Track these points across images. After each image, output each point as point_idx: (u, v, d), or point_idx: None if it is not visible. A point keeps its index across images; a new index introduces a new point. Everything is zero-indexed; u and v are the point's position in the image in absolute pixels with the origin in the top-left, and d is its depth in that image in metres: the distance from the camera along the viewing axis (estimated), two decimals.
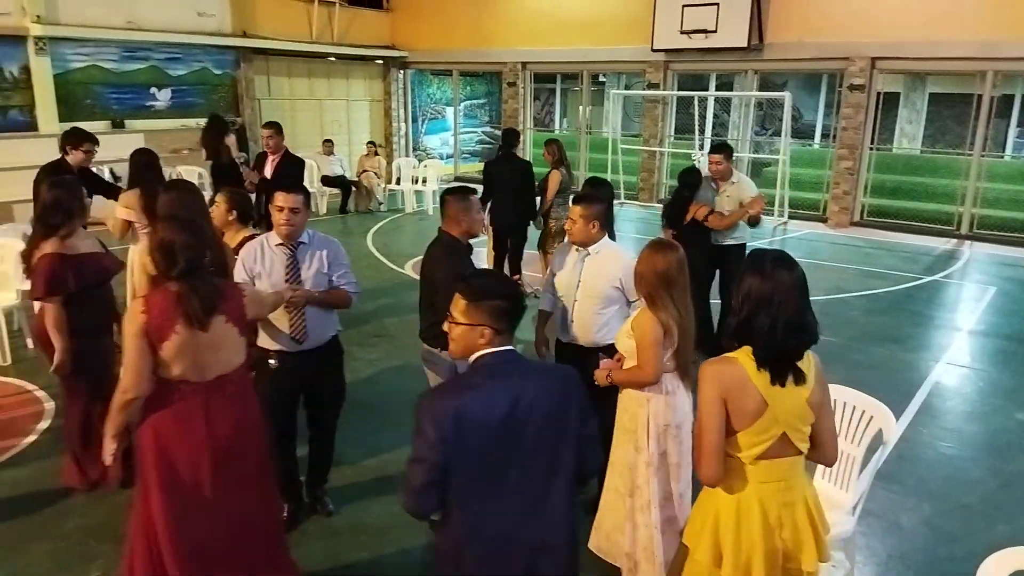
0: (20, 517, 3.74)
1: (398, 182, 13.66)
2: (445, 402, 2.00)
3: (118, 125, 12.05)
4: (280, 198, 3.35)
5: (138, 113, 12.45)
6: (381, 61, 16.48)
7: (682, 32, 12.41)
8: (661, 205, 13.74)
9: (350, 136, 16.02)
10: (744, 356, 2.16)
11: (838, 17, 11.51)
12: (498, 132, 13.49)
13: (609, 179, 13.24)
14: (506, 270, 7.51)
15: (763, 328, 2.10)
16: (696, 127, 13.98)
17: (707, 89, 15.80)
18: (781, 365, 2.13)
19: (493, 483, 2.04)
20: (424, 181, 13.39)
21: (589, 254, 3.57)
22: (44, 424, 4.75)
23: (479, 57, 15.65)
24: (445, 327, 2.16)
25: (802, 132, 17.91)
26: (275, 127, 6.83)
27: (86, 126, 11.49)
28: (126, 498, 3.87)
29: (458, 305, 2.11)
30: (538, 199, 7.44)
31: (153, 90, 12.66)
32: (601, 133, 17.12)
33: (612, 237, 3.87)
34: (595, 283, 3.54)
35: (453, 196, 3.58)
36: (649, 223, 12.15)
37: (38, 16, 10.83)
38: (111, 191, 5.97)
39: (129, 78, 12.30)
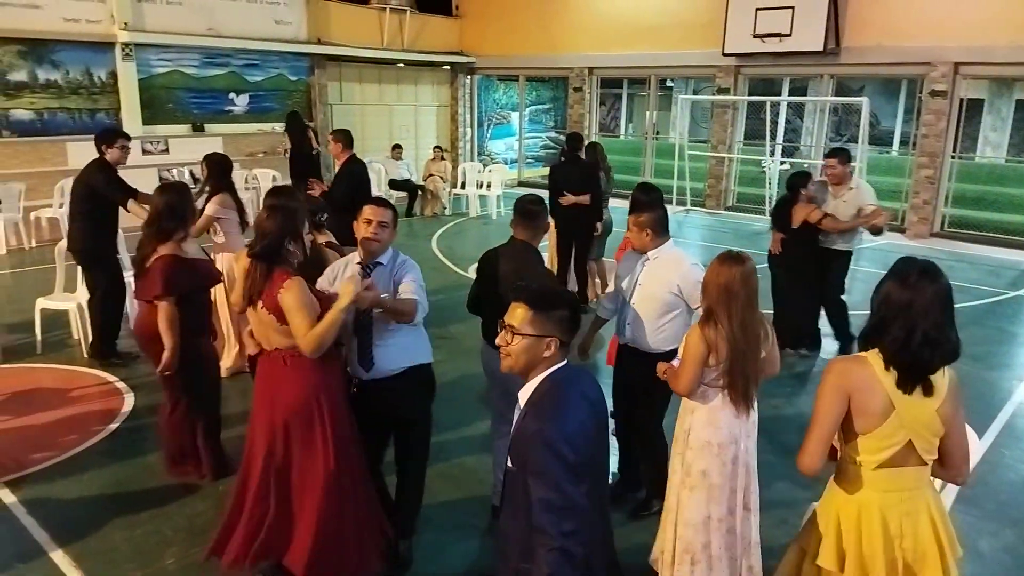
0: (100, 504, 3.91)
1: (463, 186, 13.79)
2: (568, 425, 2.01)
3: (198, 129, 12.55)
4: (369, 211, 3.18)
5: (217, 117, 12.92)
6: (448, 67, 16.69)
7: (755, 36, 12.16)
8: (727, 211, 13.52)
9: (417, 140, 16.26)
10: (874, 357, 2.12)
11: (920, 21, 11.09)
12: (562, 137, 13.53)
13: (675, 185, 13.25)
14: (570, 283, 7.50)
15: (897, 337, 2.05)
16: (767, 133, 13.65)
17: (779, 94, 15.44)
18: (911, 374, 2.07)
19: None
20: (488, 186, 13.48)
21: (648, 259, 3.56)
22: (124, 412, 4.97)
23: (546, 62, 15.69)
24: (499, 340, 2.11)
25: (879, 139, 17.31)
26: (339, 134, 6.57)
27: (167, 129, 12.19)
28: (203, 488, 4.04)
29: (518, 315, 2.06)
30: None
31: (232, 95, 13.14)
32: (667, 138, 16.92)
33: None
34: (651, 288, 3.52)
35: (541, 207, 3.64)
36: (715, 230, 11.94)
37: (125, 23, 11.37)
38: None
39: (209, 83, 12.80)
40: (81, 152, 11.06)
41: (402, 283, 3.17)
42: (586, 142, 8.29)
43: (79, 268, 5.92)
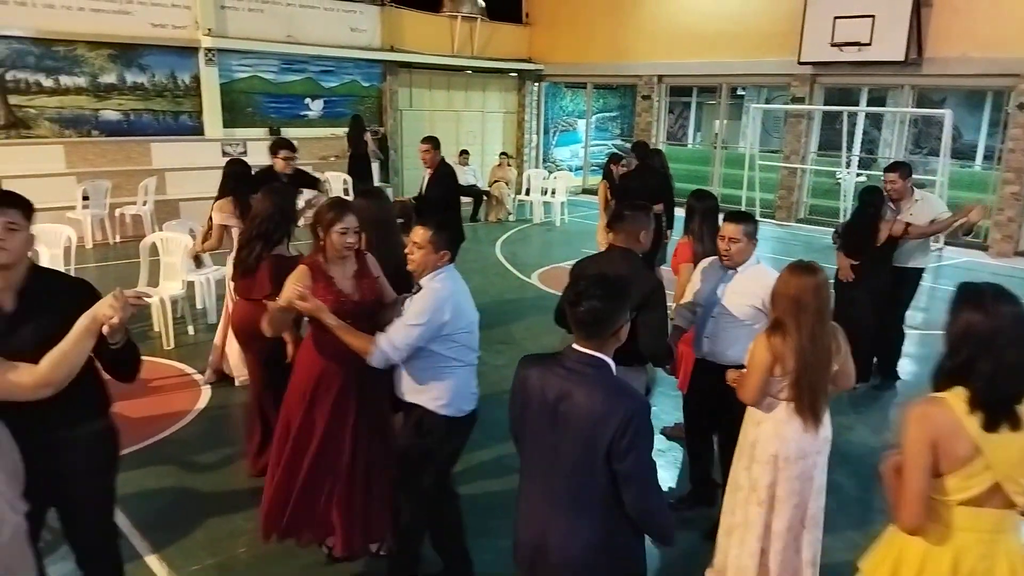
0: (177, 492, 4.07)
1: (527, 193, 13.83)
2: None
3: (275, 132, 12.92)
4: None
5: (293, 122, 13.32)
6: (516, 74, 16.79)
7: (832, 44, 11.84)
8: (798, 224, 13.17)
9: (483, 147, 16.40)
10: (954, 398, 1.97)
11: (1008, 31, 10.60)
12: (628, 145, 13.45)
13: (744, 195, 12.99)
14: None
15: (985, 372, 1.91)
16: (843, 144, 13.26)
17: (856, 104, 14.98)
18: (997, 409, 1.93)
19: None
20: (553, 192, 13.49)
21: (736, 272, 3.50)
22: (201, 405, 5.15)
23: (615, 70, 15.63)
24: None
25: (962, 152, 16.58)
26: (431, 142, 6.56)
27: (246, 133, 12.61)
28: None
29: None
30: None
31: (307, 100, 13.53)
32: (736, 148, 16.62)
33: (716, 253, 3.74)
34: (737, 301, 3.47)
35: (640, 212, 3.52)
36: (785, 242, 11.65)
37: (209, 29, 11.83)
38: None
39: (286, 89, 13.21)
40: (164, 152, 11.61)
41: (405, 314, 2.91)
42: (649, 150, 8.23)
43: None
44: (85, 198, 9.98)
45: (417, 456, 3.04)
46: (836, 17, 11.74)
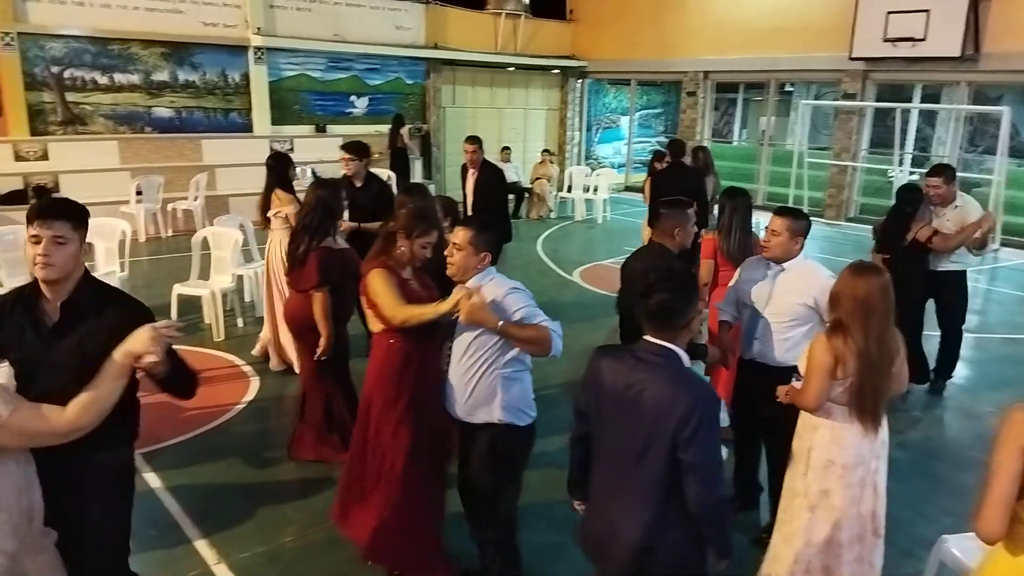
0: (226, 481, 4.15)
1: (569, 190, 13.78)
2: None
3: (321, 129, 13.14)
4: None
5: (338, 119, 13.49)
6: (558, 71, 16.74)
7: (885, 40, 11.54)
8: (848, 223, 12.88)
9: (525, 144, 16.40)
10: None
11: None
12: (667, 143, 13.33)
13: (792, 193, 12.74)
14: None
15: None
16: (896, 141, 12.92)
17: (909, 100, 14.57)
18: None
19: None
20: (595, 190, 13.42)
21: (783, 270, 3.41)
22: (249, 396, 5.26)
23: (659, 67, 15.46)
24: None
25: (1020, 151, 16.02)
26: (478, 142, 6.49)
27: (293, 130, 12.82)
28: (322, 470, 4.21)
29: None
30: None
31: (352, 98, 13.70)
32: (784, 145, 16.32)
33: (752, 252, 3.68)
34: (786, 300, 3.38)
35: (673, 210, 3.56)
36: (835, 242, 11.40)
37: (258, 28, 12.05)
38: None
39: (332, 86, 13.38)
40: (214, 149, 11.86)
41: (512, 309, 2.74)
42: (694, 147, 8.15)
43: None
44: (139, 193, 10.26)
45: (497, 480, 2.95)
46: (889, 12, 11.44)
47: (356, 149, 5.81)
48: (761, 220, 4.64)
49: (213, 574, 3.31)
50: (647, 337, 2.21)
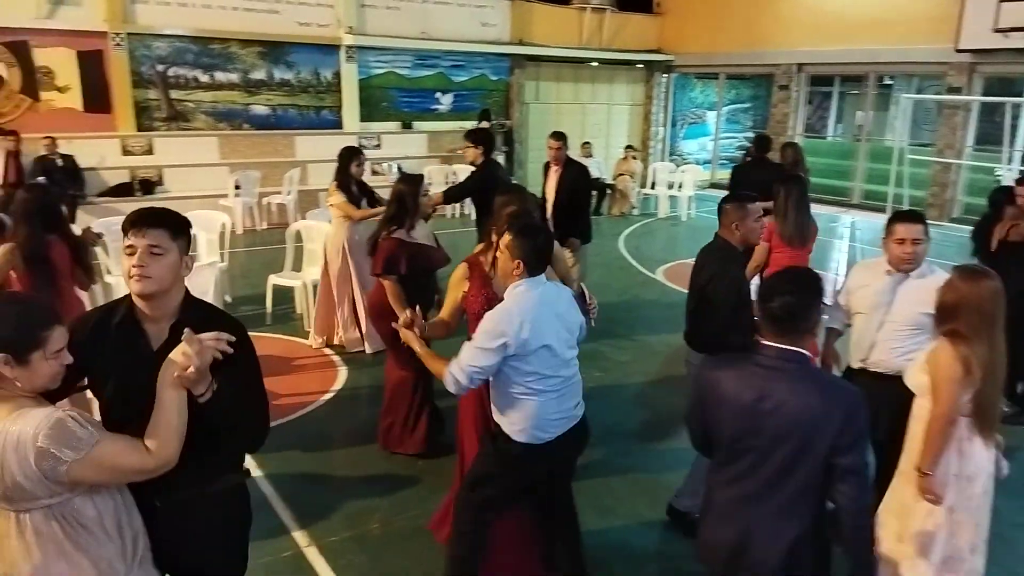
0: (315, 467, 4.29)
1: (653, 187, 13.58)
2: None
3: (407, 126, 13.40)
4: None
5: (423, 115, 13.73)
6: (642, 65, 16.50)
7: (996, 30, 10.85)
8: (951, 223, 12.18)
9: (608, 139, 16.26)
10: None
11: None
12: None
13: (891, 192, 12.15)
14: None
15: None
16: (1005, 138, 12.13)
17: (1020, 95, 13.64)
18: None
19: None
20: (680, 186, 13.17)
21: (907, 276, 3.23)
22: (338, 385, 5.42)
23: (750, 59, 15.03)
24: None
25: None
26: (563, 138, 6.38)
27: (380, 127, 13.11)
28: (407, 460, 4.30)
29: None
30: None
31: (437, 94, 13.90)
32: (882, 141, 15.60)
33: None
34: (908, 308, 3.19)
35: (731, 204, 3.49)
36: (937, 243, 10.72)
37: (350, 27, 12.38)
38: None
39: (419, 83, 13.62)
40: (307, 145, 12.27)
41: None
42: (783, 143, 7.87)
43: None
44: (237, 187, 10.72)
45: (479, 470, 2.90)
46: (1001, 0, 10.74)
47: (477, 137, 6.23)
48: (855, 219, 4.47)
49: (304, 556, 3.44)
50: (768, 342, 2.12)
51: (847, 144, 16.02)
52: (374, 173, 12.47)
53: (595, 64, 15.80)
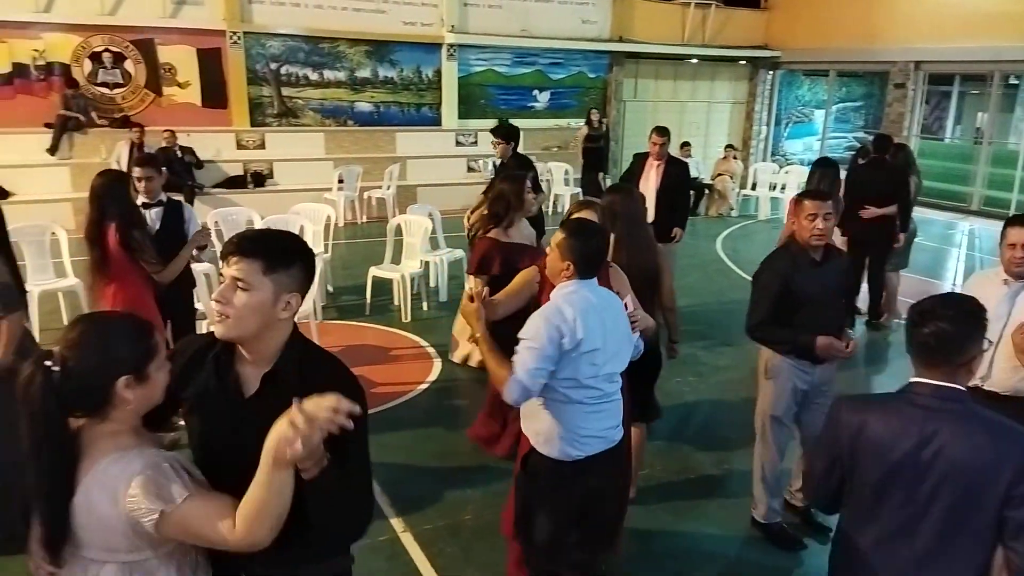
0: (410, 456, 4.39)
1: (754, 187, 13.17)
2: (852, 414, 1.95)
3: (503, 123, 13.47)
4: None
5: (520, 113, 13.79)
6: (746, 62, 16.01)
7: None
8: None
9: (707, 139, 15.89)
10: None
11: None
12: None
13: (1015, 199, 11.35)
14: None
15: None
16: None
17: None
18: None
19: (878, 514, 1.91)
20: (783, 188, 12.71)
21: None
22: (432, 376, 5.53)
23: (863, 56, 14.31)
24: None
25: None
26: (667, 134, 6.29)
27: (477, 124, 13.28)
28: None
29: None
30: None
31: (535, 92, 13.96)
32: (1006, 144, 14.57)
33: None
34: None
35: (792, 200, 3.49)
36: None
37: (452, 26, 12.59)
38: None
39: (517, 81, 13.71)
40: (407, 141, 12.58)
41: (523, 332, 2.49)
42: (893, 144, 7.45)
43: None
44: (340, 181, 11.10)
45: (518, 505, 2.73)
46: None
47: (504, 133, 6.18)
48: (973, 226, 4.20)
49: (400, 541, 3.53)
50: (922, 379, 1.88)
51: (966, 146, 15.06)
52: (469, 169, 12.70)
53: (695, 61, 15.46)
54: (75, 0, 10.31)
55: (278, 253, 1.64)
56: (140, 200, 4.22)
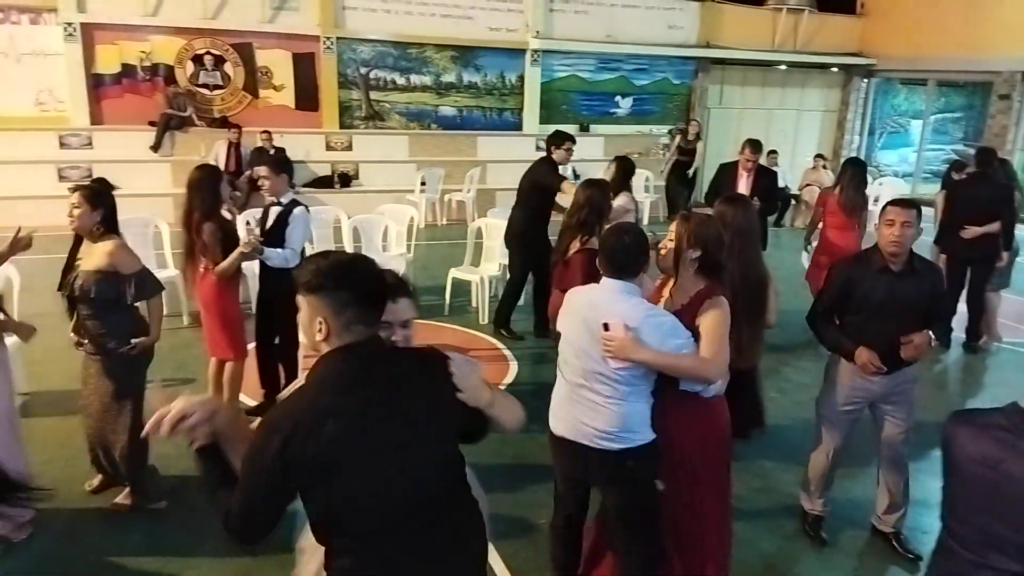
0: (487, 457, 4.39)
1: None
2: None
3: (584, 129, 13.48)
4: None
5: (602, 119, 13.75)
6: (839, 69, 15.45)
7: None
8: None
9: (795, 147, 15.41)
10: None
11: None
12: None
13: None
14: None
15: None
16: None
17: None
18: None
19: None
20: (876, 200, 12.18)
21: None
22: (508, 380, 5.57)
23: (966, 65, 13.60)
24: None
25: None
26: (761, 149, 6.42)
27: (560, 128, 13.28)
28: None
29: None
30: None
31: (617, 98, 13.87)
32: None
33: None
34: None
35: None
36: None
37: (537, 31, 12.66)
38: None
39: (599, 87, 13.66)
40: (488, 146, 12.71)
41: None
42: (1016, 159, 7.09)
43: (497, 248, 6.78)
44: (422, 183, 11.32)
45: (641, 502, 2.76)
46: None
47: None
48: None
49: None
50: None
51: None
52: None
53: (784, 68, 15.04)
54: (180, 4, 10.89)
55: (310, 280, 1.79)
56: (267, 199, 4.57)
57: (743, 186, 6.10)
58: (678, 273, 2.80)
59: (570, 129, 13.22)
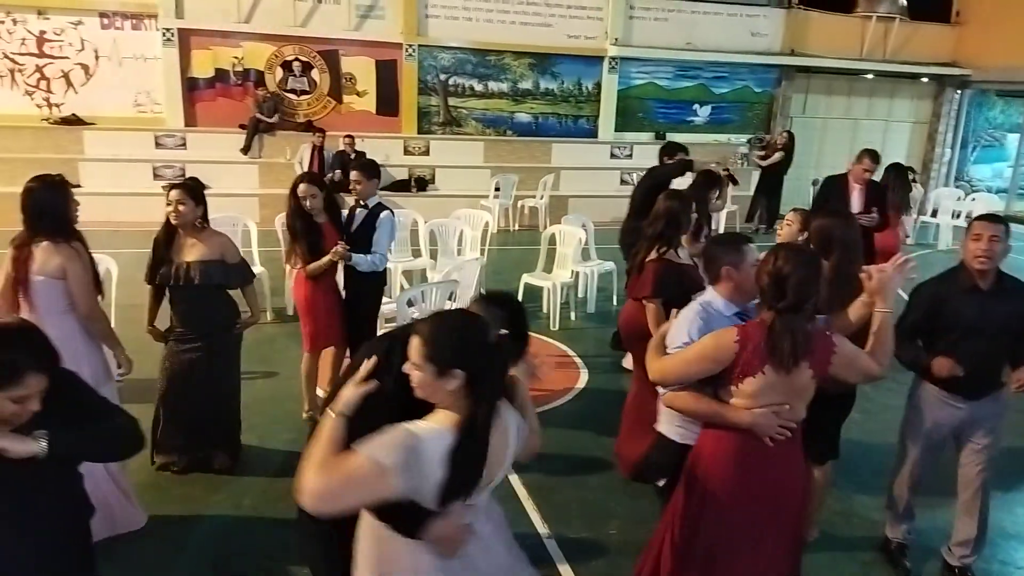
0: (558, 462, 4.42)
1: (934, 214, 12.17)
2: None
3: (660, 137, 13.33)
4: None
5: (678, 127, 13.58)
6: (929, 79, 14.81)
7: None
8: None
9: (882, 159, 14.81)
10: None
11: None
12: None
13: None
14: None
15: None
16: None
17: None
18: None
19: None
20: (967, 216, 11.63)
21: None
22: (579, 386, 5.55)
23: None
24: None
25: None
26: (879, 160, 6.10)
27: (633, 137, 13.21)
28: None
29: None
30: None
31: (695, 106, 13.68)
32: None
33: None
34: None
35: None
36: None
37: (616, 39, 12.61)
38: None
39: (677, 95, 13.50)
40: (562, 152, 12.72)
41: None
42: None
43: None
44: (496, 189, 11.41)
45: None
46: None
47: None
48: None
49: (545, 547, 3.56)
50: None
51: None
52: (622, 182, 12.64)
53: (871, 77, 14.52)
54: (271, 12, 11.32)
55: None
56: (350, 202, 4.77)
57: (857, 200, 5.74)
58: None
59: (646, 136, 13.30)
